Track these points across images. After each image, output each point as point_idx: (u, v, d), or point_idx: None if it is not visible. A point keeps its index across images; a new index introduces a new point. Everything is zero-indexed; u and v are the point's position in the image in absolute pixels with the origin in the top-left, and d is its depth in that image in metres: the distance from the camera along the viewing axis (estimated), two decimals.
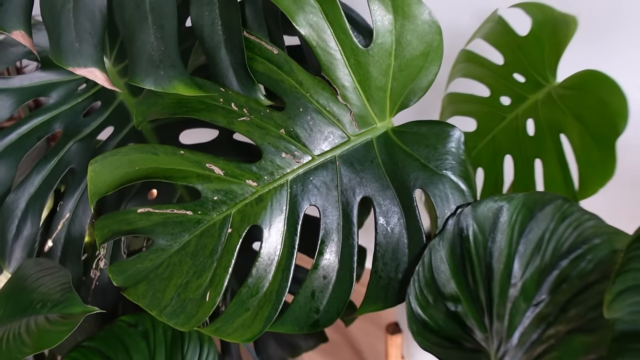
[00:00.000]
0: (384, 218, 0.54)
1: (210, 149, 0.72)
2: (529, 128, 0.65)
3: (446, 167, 0.53)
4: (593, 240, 0.52)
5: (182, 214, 0.53)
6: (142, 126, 0.75)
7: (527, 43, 0.66)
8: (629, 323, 0.39)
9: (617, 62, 0.81)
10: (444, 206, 0.53)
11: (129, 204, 0.71)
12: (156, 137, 0.74)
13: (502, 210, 0.54)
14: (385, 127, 0.56)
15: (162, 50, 0.54)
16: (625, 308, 0.40)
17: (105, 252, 0.72)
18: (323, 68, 0.52)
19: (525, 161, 0.64)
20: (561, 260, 0.52)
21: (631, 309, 0.40)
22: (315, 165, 0.55)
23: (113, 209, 0.71)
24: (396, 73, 0.53)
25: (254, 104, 0.54)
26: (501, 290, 0.54)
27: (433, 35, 0.52)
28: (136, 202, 0.71)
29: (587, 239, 0.52)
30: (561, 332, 0.49)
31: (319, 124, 0.54)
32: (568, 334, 0.47)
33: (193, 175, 0.54)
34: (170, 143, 0.75)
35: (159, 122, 0.72)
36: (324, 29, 0.51)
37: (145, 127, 0.74)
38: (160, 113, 0.56)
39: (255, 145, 0.54)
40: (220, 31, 0.55)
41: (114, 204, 0.72)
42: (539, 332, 0.51)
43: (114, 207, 0.72)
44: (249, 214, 0.54)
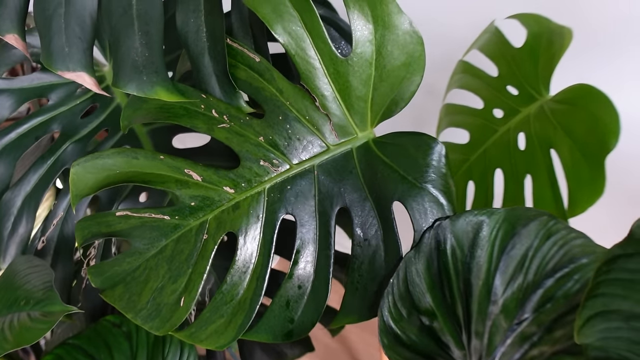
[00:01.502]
0: (361, 229, 0.53)
1: (202, 153, 0.73)
2: (520, 142, 0.63)
3: (426, 180, 0.52)
4: (580, 260, 0.50)
5: (160, 219, 0.53)
6: (137, 129, 0.76)
7: (521, 55, 0.64)
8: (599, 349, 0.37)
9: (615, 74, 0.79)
10: (422, 220, 0.52)
11: (120, 205, 0.71)
12: (150, 140, 0.74)
13: (482, 225, 0.53)
14: (366, 138, 0.55)
15: (146, 56, 0.54)
16: (595, 334, 0.38)
17: (96, 251, 0.72)
18: (302, 77, 0.52)
19: (515, 176, 0.62)
20: (546, 279, 0.50)
21: (601, 335, 0.38)
22: (293, 174, 0.54)
23: (108, 209, 0.72)
24: (377, 83, 0.52)
25: (234, 111, 0.54)
26: (480, 307, 0.52)
27: (414, 46, 0.51)
28: (128, 203, 0.71)
29: (574, 258, 0.50)
30: (546, 353, 0.47)
31: (298, 133, 0.54)
32: (554, 355, 0.45)
33: (172, 180, 0.53)
34: (163, 146, 0.76)
35: (153, 125, 0.72)
36: (303, 37, 0.50)
37: (140, 130, 0.74)
38: (145, 117, 0.56)
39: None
40: (204, 38, 0.55)
41: (108, 205, 0.72)
42: (521, 352, 0.49)
43: (108, 208, 0.72)
44: (225, 221, 0.53)
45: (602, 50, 0.78)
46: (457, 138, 0.73)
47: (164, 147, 0.74)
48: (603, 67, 0.78)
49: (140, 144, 0.75)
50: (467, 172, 0.69)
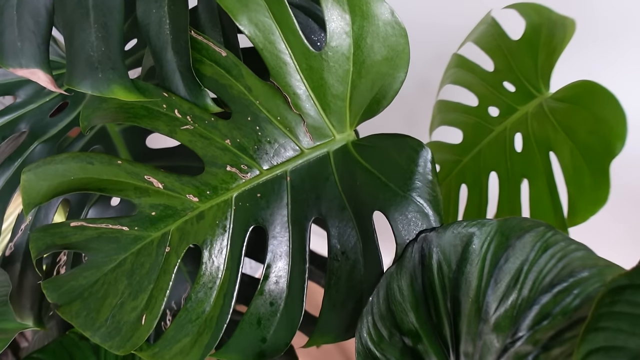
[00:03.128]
0: (338, 241, 0.47)
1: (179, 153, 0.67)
2: (517, 143, 0.57)
3: (410, 188, 0.46)
4: (581, 273, 0.44)
5: (118, 230, 0.48)
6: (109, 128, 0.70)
7: (519, 48, 0.58)
8: None
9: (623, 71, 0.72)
10: (406, 232, 0.46)
11: (91, 210, 0.66)
12: (123, 139, 0.69)
13: (472, 238, 0.47)
14: (345, 140, 0.49)
15: (103, 50, 0.48)
16: None
17: (66, 258, 0.67)
18: (272, 73, 0.46)
19: (512, 180, 0.56)
20: (543, 294, 0.45)
21: None
22: (263, 181, 0.48)
23: (76, 215, 0.67)
24: (355, 80, 0.46)
25: (198, 111, 0.48)
26: (469, 326, 0.46)
27: (397, 39, 0.44)
28: (98, 208, 0.66)
29: (574, 271, 0.45)
30: None
31: (269, 135, 0.48)
32: None
33: (130, 187, 0.48)
34: (136, 146, 0.70)
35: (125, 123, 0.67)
36: (272, 29, 0.44)
37: (112, 128, 0.69)
38: (104, 118, 0.51)
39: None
40: (167, 30, 0.49)
41: (78, 208, 0.67)
42: None
43: (76, 213, 0.67)
44: (189, 232, 0.47)
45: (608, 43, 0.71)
46: (451, 137, 0.67)
47: (137, 147, 0.68)
48: (609, 63, 0.71)
49: (112, 143, 0.69)
50: (460, 174, 0.63)
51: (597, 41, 0.71)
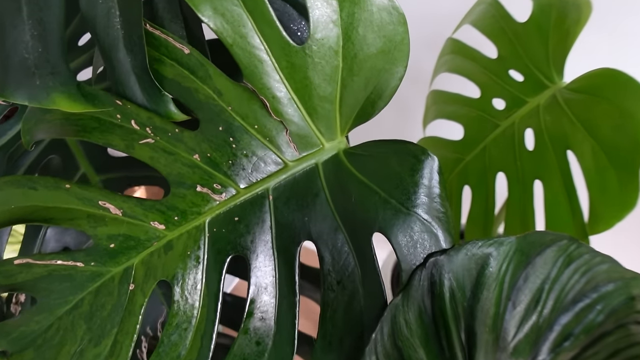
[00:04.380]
0: (332, 269, 0.39)
1: None
2: (528, 140, 0.49)
3: (415, 203, 0.38)
4: (605, 287, 0.38)
5: (71, 266, 0.39)
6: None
7: (526, 31, 0.50)
8: None
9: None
10: (411, 255, 0.38)
11: (48, 232, 0.56)
12: (82, 148, 0.59)
13: (488, 260, 0.39)
14: (335, 149, 0.40)
15: (40, 52, 0.39)
16: None
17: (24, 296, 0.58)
18: (245, 73, 0.37)
19: (522, 182, 0.48)
20: (564, 313, 0.38)
21: None
22: (241, 202, 0.40)
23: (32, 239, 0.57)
24: (346, 78, 0.37)
25: (159, 121, 0.39)
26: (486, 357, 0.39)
27: (395, 27, 0.36)
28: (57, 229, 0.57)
29: (598, 285, 0.39)
30: None
31: (245, 147, 0.39)
32: None
33: (82, 215, 0.39)
34: (98, 154, 0.61)
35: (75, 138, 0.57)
36: (242, 20, 0.35)
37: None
38: (49, 131, 0.42)
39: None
40: (118, 24, 0.40)
41: (34, 232, 0.57)
42: None
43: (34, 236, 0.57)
44: (156, 266, 0.39)
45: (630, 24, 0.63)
46: (449, 132, 0.59)
47: (99, 155, 0.59)
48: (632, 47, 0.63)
49: (70, 152, 0.59)
50: (462, 174, 0.55)
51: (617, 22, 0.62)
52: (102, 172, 0.59)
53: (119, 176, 0.59)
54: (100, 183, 0.59)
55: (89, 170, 0.59)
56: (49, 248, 0.58)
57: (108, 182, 0.59)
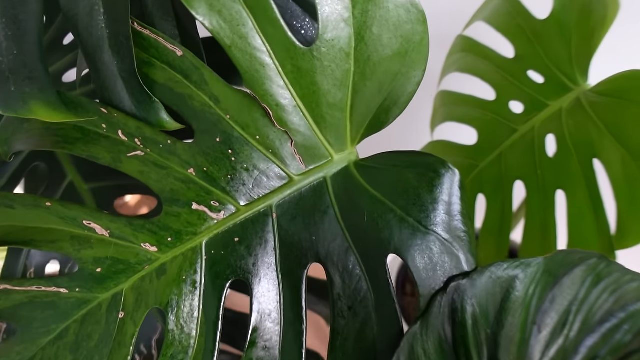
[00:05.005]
0: (343, 293, 0.35)
1: None
2: (549, 147, 0.45)
3: (434, 222, 0.34)
4: (634, 306, 0.35)
5: (54, 292, 0.35)
6: None
7: (547, 30, 0.45)
8: None
9: None
10: (430, 279, 0.34)
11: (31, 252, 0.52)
12: (69, 155, 0.54)
13: (514, 283, 0.36)
14: (345, 161, 0.36)
15: (15, 54, 0.34)
16: None
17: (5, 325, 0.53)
18: (245, 78, 0.32)
19: (543, 191, 0.44)
20: (590, 334, 0.35)
21: None
22: (241, 220, 0.35)
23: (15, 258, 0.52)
24: (358, 83, 0.33)
25: (149, 131, 0.34)
26: None
27: (413, 26, 0.31)
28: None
29: (627, 304, 0.35)
30: None
31: (246, 160, 0.35)
32: None
33: (65, 237, 0.35)
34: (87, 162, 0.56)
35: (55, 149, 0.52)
36: (242, 18, 0.31)
37: None
38: (27, 142, 0.37)
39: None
40: (102, 22, 0.35)
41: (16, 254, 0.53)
42: None
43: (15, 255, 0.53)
44: (148, 292, 0.35)
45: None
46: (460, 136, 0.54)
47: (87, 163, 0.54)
48: None
49: (56, 158, 0.55)
50: (476, 182, 0.51)
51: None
52: (91, 180, 0.55)
53: (109, 185, 0.54)
54: (89, 192, 0.55)
55: (77, 179, 0.55)
56: (34, 262, 0.54)
57: (97, 191, 0.54)
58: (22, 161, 0.54)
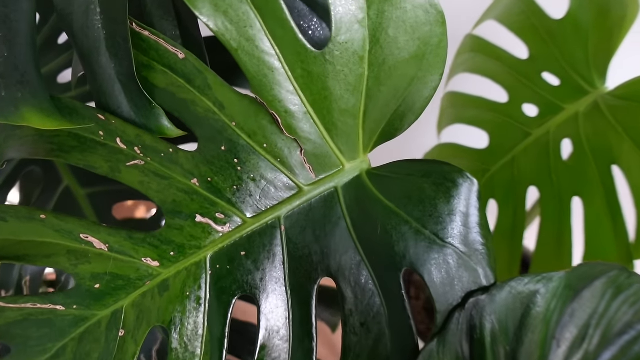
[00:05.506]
0: (355, 309, 0.33)
1: None
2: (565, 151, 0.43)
3: (451, 234, 0.32)
4: None
5: (50, 309, 0.33)
6: None
7: (562, 30, 0.43)
8: None
9: None
10: (448, 294, 0.32)
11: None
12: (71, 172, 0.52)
13: (534, 299, 0.34)
14: (357, 170, 0.34)
15: (5, 56, 0.32)
16: None
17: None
18: (253, 83, 0.30)
19: (558, 198, 0.43)
20: (607, 348, 0.33)
21: None
22: (248, 233, 0.33)
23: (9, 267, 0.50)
24: (372, 88, 0.31)
25: (150, 139, 0.32)
26: None
27: (432, 28, 0.29)
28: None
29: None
30: None
31: (253, 170, 0.32)
32: None
33: (61, 251, 0.32)
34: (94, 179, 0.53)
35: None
36: (250, 19, 0.28)
37: None
38: (19, 150, 0.35)
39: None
40: (98, 23, 0.33)
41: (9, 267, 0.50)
42: None
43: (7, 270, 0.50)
44: (149, 309, 0.33)
45: None
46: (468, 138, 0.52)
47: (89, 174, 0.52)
48: None
49: (52, 163, 0.52)
50: (488, 187, 0.49)
51: None
52: (88, 185, 0.52)
53: (106, 190, 0.52)
54: (86, 198, 0.52)
55: (73, 183, 0.52)
56: (29, 270, 0.52)
57: (95, 197, 0.52)
58: (16, 165, 0.52)
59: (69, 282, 0.55)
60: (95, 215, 0.51)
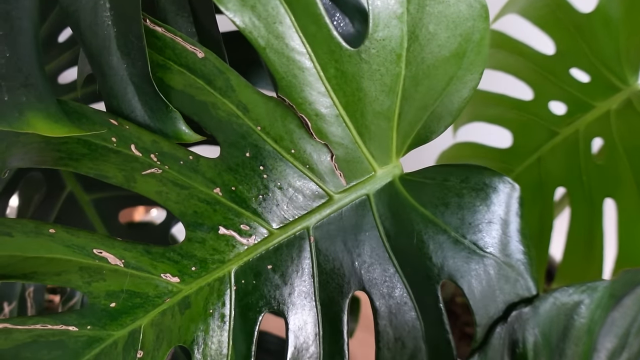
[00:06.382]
0: (389, 323, 0.31)
1: None
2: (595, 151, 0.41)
3: (491, 243, 0.30)
4: None
5: (62, 330, 0.30)
6: None
7: (591, 24, 0.41)
8: None
9: None
10: (490, 307, 0.30)
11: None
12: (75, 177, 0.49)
13: (578, 309, 0.32)
14: (390, 176, 0.31)
15: (8, 57, 0.29)
16: None
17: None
18: (280, 84, 0.27)
19: (589, 199, 0.41)
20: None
21: None
22: (275, 246, 0.31)
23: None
24: (409, 89, 0.28)
25: (167, 145, 0.29)
26: None
27: (475, 23, 0.27)
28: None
29: None
30: None
31: (280, 178, 0.30)
32: None
33: (73, 268, 0.30)
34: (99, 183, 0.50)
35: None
36: (279, 15, 0.26)
37: None
38: (23, 158, 0.32)
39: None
40: (108, 19, 0.30)
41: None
42: None
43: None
44: (170, 328, 0.30)
45: None
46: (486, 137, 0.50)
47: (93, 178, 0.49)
48: None
49: (59, 177, 0.49)
50: None
51: None
52: (93, 190, 0.49)
53: (113, 195, 0.49)
54: (91, 204, 0.49)
55: (77, 189, 0.49)
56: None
57: (100, 203, 0.49)
58: (16, 171, 0.49)
59: (75, 291, 0.52)
60: (102, 223, 0.48)
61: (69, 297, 0.48)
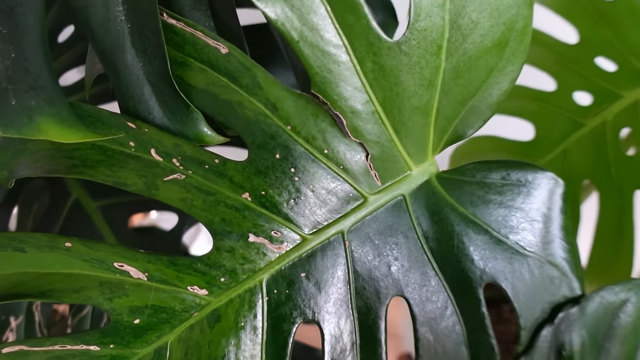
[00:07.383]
0: (430, 330, 0.29)
1: None
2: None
3: (535, 242, 0.29)
4: None
5: (82, 351, 0.28)
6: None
7: (616, 12, 0.40)
8: None
9: None
10: (534, 309, 0.28)
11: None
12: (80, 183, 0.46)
13: (625, 307, 0.30)
14: (426, 174, 0.30)
15: (14, 58, 0.27)
16: None
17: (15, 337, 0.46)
18: (314, 80, 0.26)
19: (618, 192, 0.39)
20: None
21: None
22: (308, 252, 0.29)
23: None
24: (449, 82, 0.27)
25: (190, 149, 0.27)
26: None
27: (519, 10, 0.25)
28: None
29: None
30: None
31: (313, 180, 0.28)
32: None
33: (93, 284, 0.28)
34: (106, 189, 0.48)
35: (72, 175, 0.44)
36: (314, 5, 0.24)
37: None
38: (32, 167, 0.29)
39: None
40: (121, 15, 0.28)
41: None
42: None
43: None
44: (199, 344, 0.28)
45: None
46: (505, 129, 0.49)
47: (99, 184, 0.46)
48: None
49: (65, 186, 0.46)
50: None
51: None
52: (100, 196, 0.47)
53: (120, 201, 0.47)
54: (99, 210, 0.47)
55: (83, 196, 0.47)
56: None
57: (108, 209, 0.47)
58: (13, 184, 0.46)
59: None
60: (111, 231, 0.46)
61: (79, 309, 0.46)
